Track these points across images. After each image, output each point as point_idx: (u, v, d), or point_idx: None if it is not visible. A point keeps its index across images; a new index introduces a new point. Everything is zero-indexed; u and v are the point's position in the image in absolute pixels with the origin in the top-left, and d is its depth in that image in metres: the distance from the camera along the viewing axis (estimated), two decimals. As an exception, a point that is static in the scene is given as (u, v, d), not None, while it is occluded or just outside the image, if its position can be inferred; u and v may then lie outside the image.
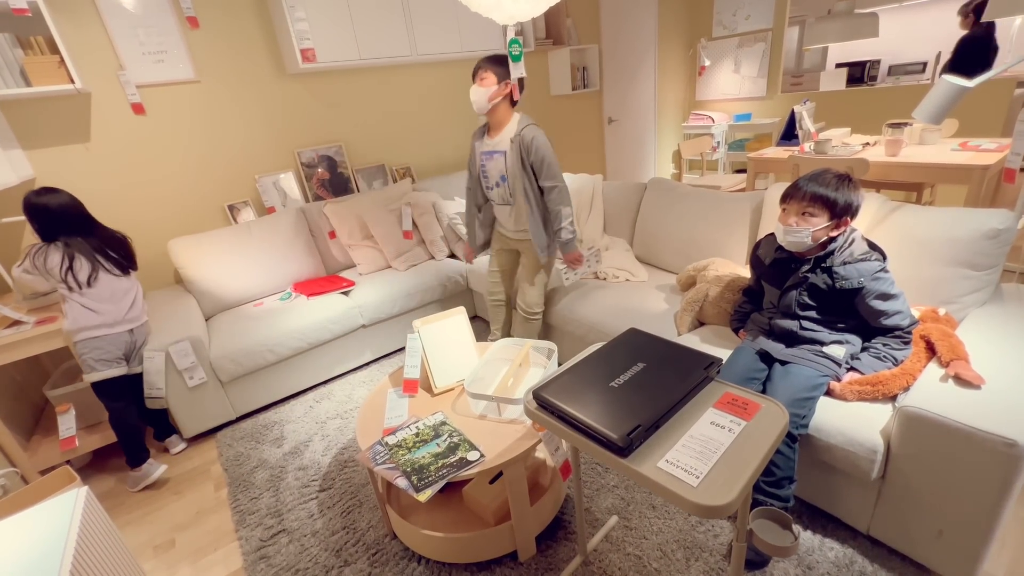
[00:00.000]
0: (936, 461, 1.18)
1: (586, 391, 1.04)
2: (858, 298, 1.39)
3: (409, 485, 1.26)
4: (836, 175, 1.39)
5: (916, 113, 1.40)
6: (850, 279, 1.37)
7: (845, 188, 1.37)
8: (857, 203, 1.38)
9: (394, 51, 2.93)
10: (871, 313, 1.39)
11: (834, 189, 1.36)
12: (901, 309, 1.38)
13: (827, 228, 1.39)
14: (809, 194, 1.38)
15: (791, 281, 1.49)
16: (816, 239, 1.40)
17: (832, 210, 1.37)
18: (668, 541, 1.48)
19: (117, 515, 1.89)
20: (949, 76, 1.32)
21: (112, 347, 2.00)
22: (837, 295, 1.41)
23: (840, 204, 1.36)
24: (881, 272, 1.36)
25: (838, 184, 1.37)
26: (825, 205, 1.37)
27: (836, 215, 1.37)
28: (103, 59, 2.38)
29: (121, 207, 2.55)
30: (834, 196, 1.36)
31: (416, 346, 1.67)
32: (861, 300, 1.38)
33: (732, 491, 0.80)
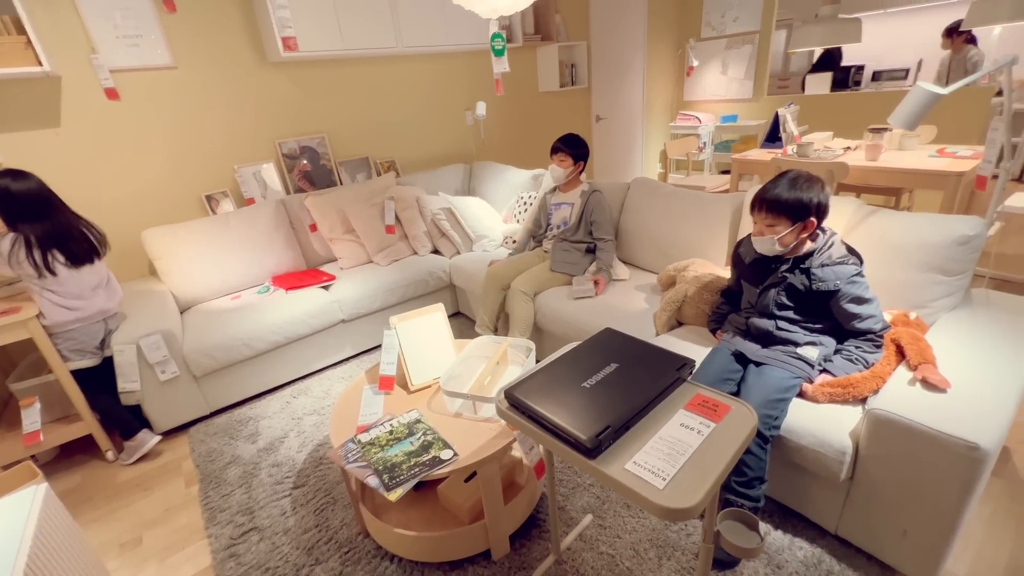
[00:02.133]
0: (902, 463, 1.20)
1: (558, 391, 1.03)
2: (833, 300, 1.40)
3: (380, 484, 1.25)
4: (792, 179, 1.39)
5: (892, 119, 1.41)
6: (827, 281, 1.39)
7: (801, 190, 1.36)
8: (817, 201, 1.37)
9: (379, 42, 2.88)
10: (845, 316, 1.41)
11: (788, 194, 1.37)
12: (874, 313, 1.39)
13: (793, 232, 1.40)
14: (765, 205, 1.41)
15: (770, 280, 1.50)
16: (785, 244, 1.43)
17: (791, 215, 1.38)
18: (641, 540, 1.49)
19: (83, 512, 1.85)
20: (923, 83, 1.33)
21: (87, 337, 1.97)
22: (813, 296, 1.42)
23: (797, 208, 1.36)
24: (857, 276, 1.38)
25: (792, 188, 1.37)
26: (782, 212, 1.38)
27: (797, 218, 1.38)
28: (74, 42, 2.30)
29: (93, 195, 2.48)
30: (789, 201, 1.36)
31: (393, 343, 1.65)
32: (836, 303, 1.40)
33: (697, 493, 0.80)
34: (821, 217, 1.41)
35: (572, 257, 2.32)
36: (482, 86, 3.77)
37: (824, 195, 1.39)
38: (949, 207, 2.43)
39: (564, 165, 2.35)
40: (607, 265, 2.28)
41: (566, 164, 2.35)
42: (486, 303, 2.43)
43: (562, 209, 2.43)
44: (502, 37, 1.56)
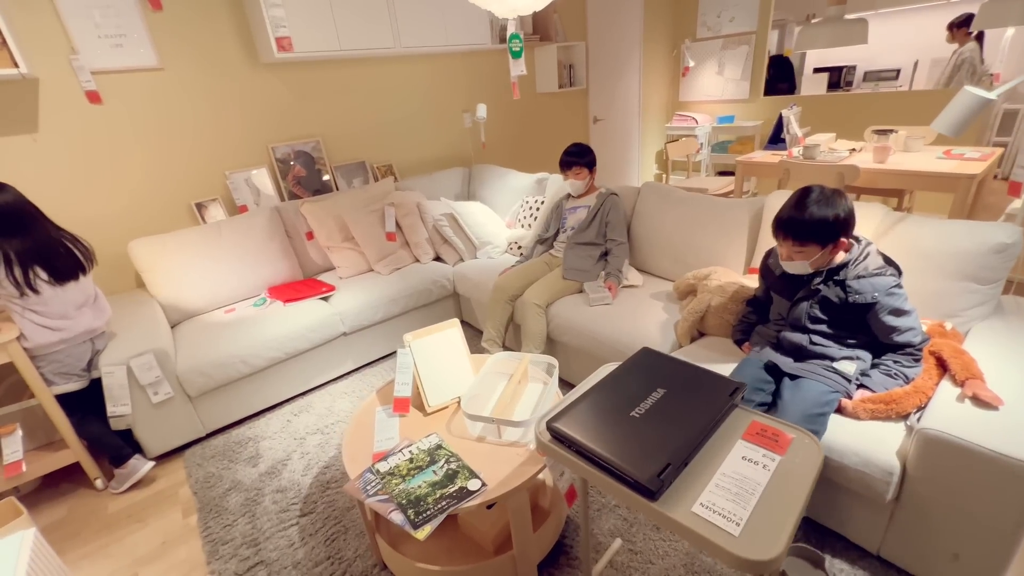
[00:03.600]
0: (955, 484, 1.15)
1: (605, 422, 0.95)
2: (871, 313, 1.35)
3: (406, 521, 1.16)
4: (815, 200, 1.32)
5: (936, 124, 1.36)
6: (864, 293, 1.33)
7: (825, 209, 1.30)
8: (844, 216, 1.31)
9: (376, 42, 2.78)
10: (883, 329, 1.36)
11: (813, 217, 1.30)
12: (913, 326, 1.34)
13: (825, 254, 1.35)
14: (791, 233, 1.35)
15: (802, 293, 1.45)
16: (819, 265, 1.38)
17: (819, 240, 1.33)
18: (675, 566, 1.42)
19: (71, 548, 1.72)
20: (971, 88, 1.29)
21: (72, 360, 1.85)
22: (849, 309, 1.37)
23: (824, 231, 1.31)
24: (896, 288, 1.33)
25: (815, 209, 1.31)
26: (809, 239, 1.33)
27: (826, 241, 1.33)
28: (53, 42, 2.15)
29: (74, 205, 2.33)
30: (815, 226, 1.31)
31: (407, 361, 1.56)
32: (874, 315, 1.35)
33: (777, 541, 0.73)
34: (850, 230, 1.35)
35: (585, 264, 2.26)
36: (480, 87, 3.68)
37: (847, 206, 1.33)
38: (960, 210, 2.41)
39: (581, 177, 2.35)
40: (617, 269, 2.22)
41: (583, 176, 2.35)
42: (493, 317, 2.35)
43: (578, 212, 2.40)
44: (519, 38, 1.48)
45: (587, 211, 2.35)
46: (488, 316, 2.38)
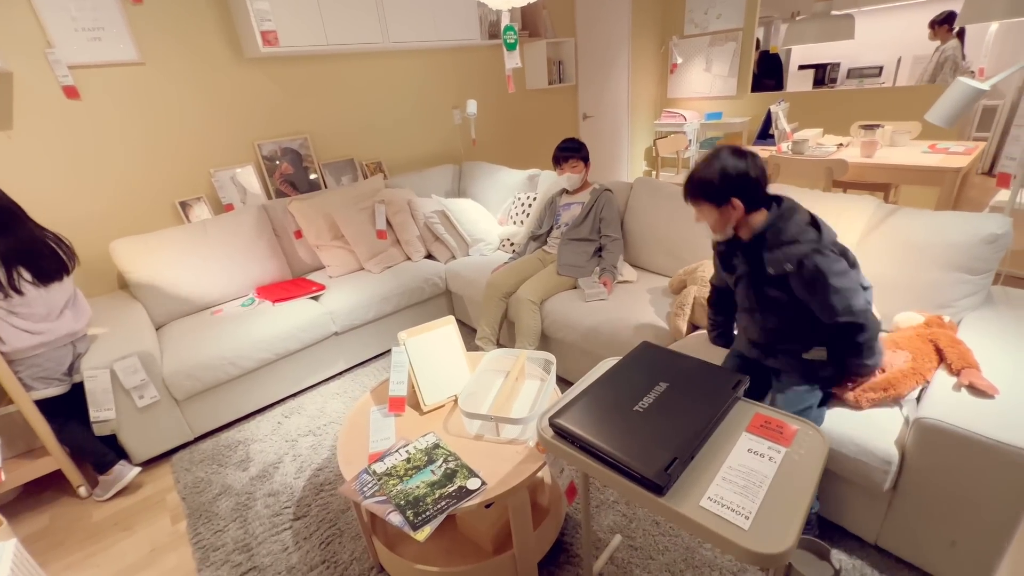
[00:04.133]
0: (952, 472, 1.16)
1: (608, 417, 0.94)
2: (796, 290, 1.21)
3: (405, 522, 1.13)
4: (711, 156, 1.23)
5: (930, 115, 1.38)
6: (776, 264, 1.20)
7: (714, 162, 1.21)
8: (733, 171, 1.18)
9: (364, 37, 2.73)
10: (817, 309, 1.21)
11: (700, 175, 1.23)
12: (853, 304, 1.16)
13: (726, 215, 1.24)
14: (687, 195, 1.28)
15: (737, 273, 1.35)
16: (721, 229, 1.27)
17: (709, 196, 1.23)
18: (676, 560, 1.42)
19: (54, 558, 1.66)
20: (965, 79, 1.30)
21: (53, 363, 1.78)
22: (776, 286, 1.24)
23: (710, 187, 1.21)
24: (815, 255, 1.15)
25: (705, 166, 1.23)
26: (701, 196, 1.25)
27: (719, 199, 1.21)
28: (26, 34, 2.08)
29: (53, 204, 2.25)
30: (701, 181, 1.23)
31: (402, 360, 1.53)
32: (800, 291, 1.20)
33: (788, 534, 0.72)
34: (747, 189, 1.20)
35: (579, 259, 2.25)
36: (470, 83, 3.65)
37: (740, 164, 1.19)
38: (946, 203, 2.45)
39: (578, 171, 2.35)
40: (612, 265, 2.21)
41: (579, 169, 2.35)
42: (487, 314, 2.33)
43: (572, 208, 2.39)
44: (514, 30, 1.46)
45: (581, 207, 2.34)
46: (482, 313, 2.35)
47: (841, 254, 1.20)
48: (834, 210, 1.75)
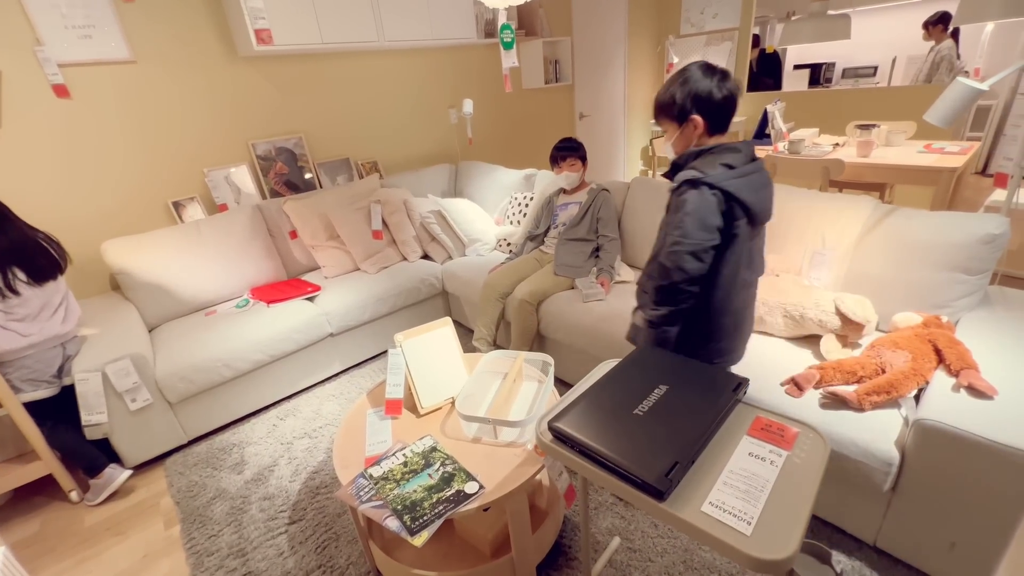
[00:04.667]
0: (952, 473, 1.15)
1: (608, 421, 0.93)
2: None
3: (402, 527, 1.12)
4: (675, 74, 1.16)
5: (929, 115, 1.37)
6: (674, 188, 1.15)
7: (676, 83, 1.14)
8: (695, 88, 1.11)
9: (359, 35, 2.71)
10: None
11: (663, 91, 1.16)
12: (675, 248, 1.09)
13: (686, 134, 1.17)
14: (654, 113, 1.21)
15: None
16: (682, 151, 1.19)
17: (668, 113, 1.16)
18: (675, 563, 1.41)
19: (45, 564, 1.63)
20: (964, 79, 1.30)
21: (42, 365, 1.76)
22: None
23: (671, 103, 1.14)
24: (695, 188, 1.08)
25: (669, 85, 1.16)
26: (663, 114, 1.18)
27: (681, 116, 1.15)
28: (15, 32, 2.04)
29: (43, 204, 2.22)
30: (664, 96, 1.15)
31: (399, 362, 1.52)
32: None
33: (790, 540, 0.71)
34: (709, 110, 1.12)
35: (577, 260, 2.24)
36: (466, 83, 3.63)
37: (704, 80, 1.12)
38: (941, 203, 2.45)
39: (576, 169, 2.34)
40: (609, 265, 2.20)
41: (577, 168, 2.35)
42: (484, 314, 2.32)
43: (570, 208, 2.38)
44: (511, 28, 1.44)
45: (578, 207, 2.33)
46: (479, 314, 2.34)
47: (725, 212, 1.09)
48: (832, 210, 1.75)
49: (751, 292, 1.29)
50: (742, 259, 1.17)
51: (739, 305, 1.24)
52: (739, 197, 1.09)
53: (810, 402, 1.35)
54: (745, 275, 1.21)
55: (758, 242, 1.24)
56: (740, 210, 1.10)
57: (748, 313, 1.31)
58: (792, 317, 1.59)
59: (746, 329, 1.33)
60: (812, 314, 1.54)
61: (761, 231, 1.25)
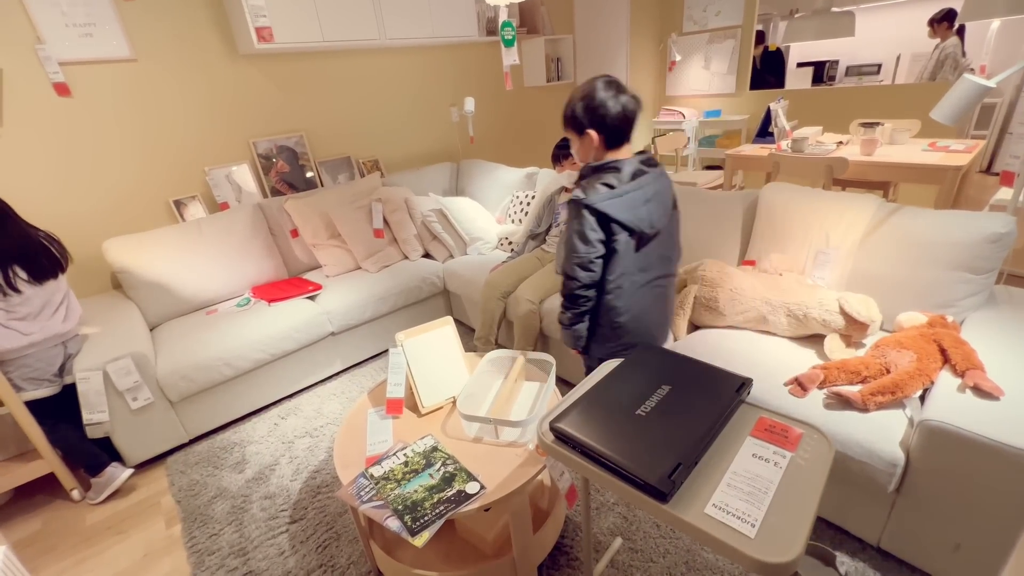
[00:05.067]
0: (957, 474, 1.14)
1: (610, 422, 0.92)
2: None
3: (402, 527, 1.11)
4: (580, 86, 1.25)
5: (935, 113, 1.36)
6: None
7: (576, 96, 1.22)
8: (591, 101, 1.18)
9: (361, 34, 2.70)
10: None
11: (567, 103, 1.24)
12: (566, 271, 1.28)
13: (585, 146, 1.27)
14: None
15: None
16: (584, 162, 1.30)
17: (570, 124, 1.26)
18: (677, 563, 1.40)
19: (47, 564, 1.63)
20: (971, 76, 1.28)
21: (43, 364, 1.76)
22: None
23: (575, 116, 1.22)
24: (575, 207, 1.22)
25: (571, 96, 1.24)
26: (567, 125, 1.27)
27: (578, 128, 1.24)
28: (16, 30, 2.04)
29: (44, 203, 2.22)
30: (567, 110, 1.24)
31: (400, 361, 1.51)
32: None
33: (795, 543, 0.70)
34: (604, 125, 1.20)
35: None
36: (468, 81, 3.62)
37: (602, 95, 1.19)
38: (945, 202, 2.44)
39: (577, 168, 2.28)
40: None
41: (579, 166, 2.28)
42: (485, 314, 2.31)
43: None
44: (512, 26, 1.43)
45: None
46: (480, 313, 2.33)
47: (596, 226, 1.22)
48: (835, 209, 1.74)
49: (657, 291, 1.38)
50: (631, 266, 1.29)
51: (639, 305, 1.35)
52: (613, 217, 1.21)
53: (814, 402, 1.34)
54: (639, 278, 1.32)
55: (659, 245, 1.33)
56: (618, 227, 1.22)
57: (656, 308, 1.41)
58: (795, 317, 1.58)
59: (653, 323, 1.43)
60: (816, 313, 1.53)
61: (667, 232, 1.34)
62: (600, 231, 1.23)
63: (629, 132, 1.25)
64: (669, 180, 1.34)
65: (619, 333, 1.36)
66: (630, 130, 1.25)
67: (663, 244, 1.34)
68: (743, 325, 1.72)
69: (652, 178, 1.26)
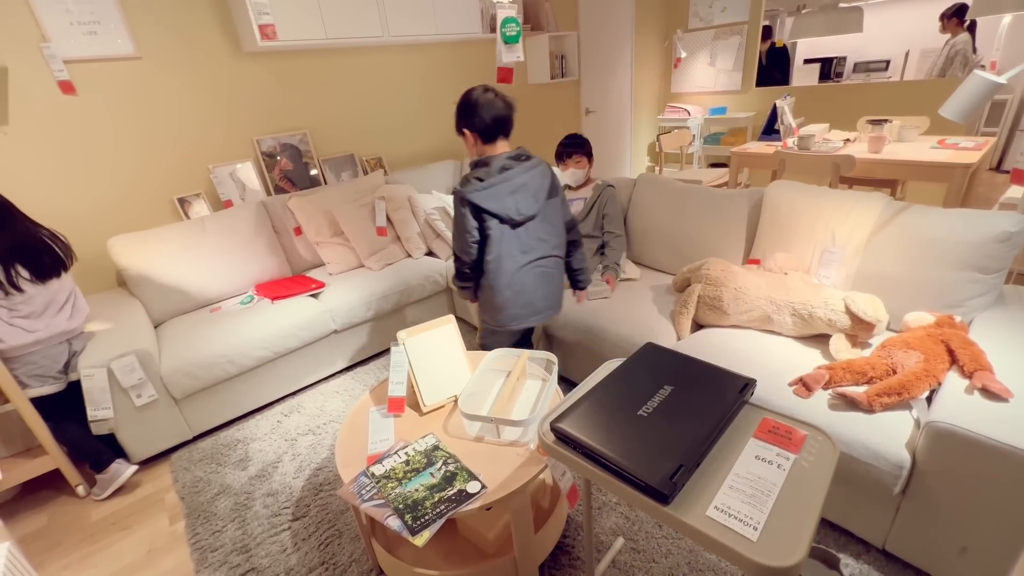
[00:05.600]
0: (965, 477, 1.13)
1: (612, 422, 0.91)
2: None
3: (403, 526, 1.11)
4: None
5: (943, 110, 1.34)
6: None
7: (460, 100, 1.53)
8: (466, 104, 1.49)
9: (364, 31, 2.69)
10: None
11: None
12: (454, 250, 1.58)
13: (467, 145, 1.58)
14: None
15: None
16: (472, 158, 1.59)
17: (456, 126, 1.56)
18: (679, 564, 1.39)
19: (51, 559, 1.65)
20: (981, 72, 1.26)
21: (48, 361, 1.76)
22: None
23: (457, 117, 1.53)
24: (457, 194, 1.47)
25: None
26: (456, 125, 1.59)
27: (458, 128, 1.56)
28: (21, 28, 2.05)
29: (50, 201, 2.23)
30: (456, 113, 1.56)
31: (401, 360, 1.51)
32: None
33: (798, 546, 0.69)
34: (469, 123, 1.50)
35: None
36: (472, 78, 3.61)
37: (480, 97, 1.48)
38: (954, 200, 2.40)
39: (582, 166, 2.31)
40: (615, 262, 2.18)
41: (583, 165, 2.31)
42: None
43: (575, 204, 2.36)
44: (516, 22, 1.42)
45: (584, 203, 2.31)
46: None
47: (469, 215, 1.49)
48: (842, 207, 1.72)
49: (538, 271, 1.60)
50: (510, 248, 1.53)
51: (520, 282, 1.58)
52: (481, 206, 1.44)
53: (819, 403, 1.33)
54: (520, 259, 1.56)
55: (536, 229, 1.56)
56: (487, 215, 1.46)
57: (538, 285, 1.62)
58: (800, 316, 1.57)
59: (537, 299, 1.64)
60: (821, 313, 1.52)
61: (544, 218, 1.56)
62: (473, 219, 1.47)
63: (499, 131, 1.49)
64: (544, 172, 1.55)
65: (504, 306, 1.60)
66: (500, 129, 1.49)
67: (541, 228, 1.56)
68: (747, 324, 1.71)
69: (519, 171, 1.48)
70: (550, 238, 1.59)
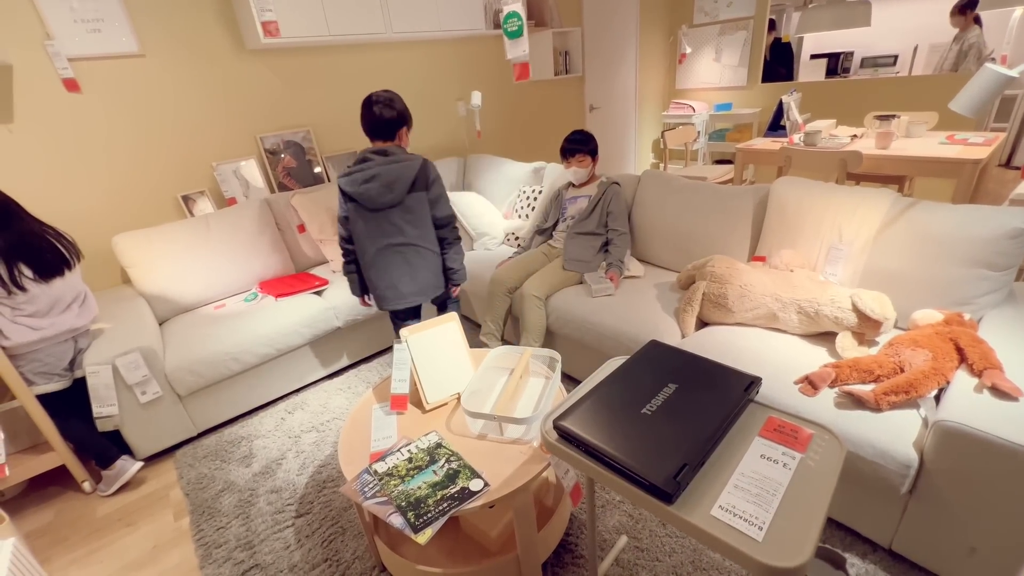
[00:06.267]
0: (973, 476, 1.11)
1: (616, 420, 0.90)
2: None
3: (405, 524, 1.11)
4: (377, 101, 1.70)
5: (953, 104, 1.31)
6: None
7: (385, 109, 1.70)
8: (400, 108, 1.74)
9: (367, 28, 2.68)
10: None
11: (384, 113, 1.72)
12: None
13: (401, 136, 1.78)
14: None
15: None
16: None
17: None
18: (683, 563, 1.39)
19: (58, 554, 1.66)
20: (992, 65, 1.24)
21: (54, 359, 1.77)
22: None
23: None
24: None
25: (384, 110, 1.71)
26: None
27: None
28: (25, 26, 2.05)
29: (55, 198, 2.24)
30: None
31: (404, 357, 1.51)
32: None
33: (804, 546, 0.68)
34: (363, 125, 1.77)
35: (586, 254, 2.21)
36: (475, 75, 3.59)
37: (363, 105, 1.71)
38: (963, 196, 2.37)
39: (584, 165, 2.30)
40: (619, 259, 2.17)
41: (586, 163, 2.30)
42: (491, 310, 2.29)
43: (579, 202, 2.35)
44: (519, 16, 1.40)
45: (588, 200, 2.30)
46: (486, 309, 2.32)
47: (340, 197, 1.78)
48: (849, 204, 1.70)
49: (399, 256, 1.79)
50: (370, 232, 1.75)
51: (381, 264, 1.79)
52: (343, 190, 1.72)
53: (825, 402, 1.32)
54: (380, 242, 1.76)
55: (394, 217, 1.74)
56: (346, 197, 1.73)
57: (399, 269, 1.81)
58: (807, 314, 1.55)
59: (399, 281, 1.82)
60: (828, 311, 1.50)
61: (404, 208, 1.75)
62: (344, 202, 1.75)
63: (371, 129, 1.72)
64: (406, 167, 1.71)
65: (373, 288, 1.86)
66: (372, 128, 1.72)
67: (399, 217, 1.75)
68: (753, 322, 1.69)
69: (376, 164, 1.69)
70: (410, 228, 1.76)
